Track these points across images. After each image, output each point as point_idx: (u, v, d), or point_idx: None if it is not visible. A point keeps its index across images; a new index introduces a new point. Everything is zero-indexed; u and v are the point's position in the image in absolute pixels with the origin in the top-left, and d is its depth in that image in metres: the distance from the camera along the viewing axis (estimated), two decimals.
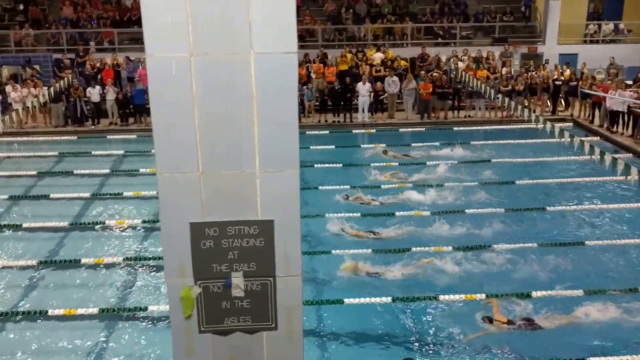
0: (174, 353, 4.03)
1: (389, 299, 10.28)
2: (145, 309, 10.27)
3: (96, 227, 13.64)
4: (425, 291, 10.59)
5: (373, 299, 10.22)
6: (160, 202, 3.84)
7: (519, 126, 19.99)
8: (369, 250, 11.95)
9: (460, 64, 22.78)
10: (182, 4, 3.51)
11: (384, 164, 17.32)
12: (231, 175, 3.78)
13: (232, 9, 3.52)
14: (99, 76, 21.91)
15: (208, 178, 3.79)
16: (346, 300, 10.17)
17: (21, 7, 25.54)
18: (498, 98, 19.03)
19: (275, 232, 3.86)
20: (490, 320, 9.56)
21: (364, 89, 21.03)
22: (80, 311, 10.24)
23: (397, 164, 17.41)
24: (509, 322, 9.52)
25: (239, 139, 3.72)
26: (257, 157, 3.74)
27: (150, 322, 10.12)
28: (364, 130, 20.79)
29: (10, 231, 13.59)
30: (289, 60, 3.62)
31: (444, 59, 23.77)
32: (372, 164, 17.20)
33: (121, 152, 18.91)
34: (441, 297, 10.36)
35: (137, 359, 9.31)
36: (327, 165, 17.08)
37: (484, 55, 23.50)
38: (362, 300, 10.18)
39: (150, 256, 12.19)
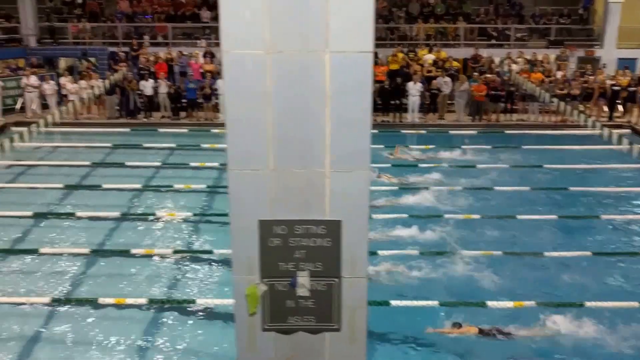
0: (237, 348, 4.04)
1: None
2: (193, 301, 10.36)
3: (147, 218, 13.84)
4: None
5: None
6: (230, 198, 3.84)
7: (574, 132, 19.46)
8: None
9: (514, 66, 22.35)
10: (260, 2, 3.51)
11: (432, 165, 17.11)
12: (301, 173, 3.76)
13: (310, 8, 3.50)
14: (152, 70, 22.24)
15: (278, 176, 3.78)
16: None
17: (79, 0, 26.17)
18: (553, 102, 18.60)
19: (342, 232, 3.83)
20: (460, 326, 9.58)
21: (414, 88, 20.84)
22: (129, 301, 10.40)
23: (446, 165, 17.18)
24: (480, 332, 9.50)
25: (310, 138, 3.70)
26: (328, 156, 3.71)
27: (197, 316, 10.21)
28: (413, 131, 20.58)
29: (64, 219, 13.92)
30: (364, 60, 3.58)
31: (496, 60, 23.37)
32: (419, 165, 17.02)
33: (172, 145, 19.16)
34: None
35: (182, 351, 9.42)
36: (374, 165, 16.94)
37: (539, 57, 22.98)
38: None
39: (199, 249, 12.29)
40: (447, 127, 21.06)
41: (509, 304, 9.98)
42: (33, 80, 21.48)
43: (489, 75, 21.64)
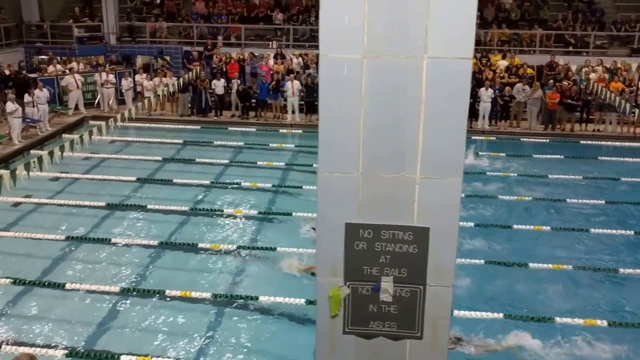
0: (317, 350, 4.06)
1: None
2: (257, 298, 10.49)
3: (214, 214, 14.11)
4: None
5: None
6: (317, 200, 3.87)
7: None
8: None
9: (592, 75, 21.61)
10: (360, 6, 3.51)
11: (502, 173, 16.76)
12: (391, 178, 3.75)
13: (409, 12, 3.48)
14: (224, 69, 22.68)
15: (367, 180, 3.77)
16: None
17: (158, 1, 26.98)
18: (633, 113, 17.88)
19: (430, 240, 3.79)
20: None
21: (486, 94, 20.47)
22: (194, 294, 10.64)
23: (516, 174, 16.79)
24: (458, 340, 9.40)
25: (402, 143, 3.68)
26: (419, 162, 3.68)
27: (260, 313, 10.33)
28: (483, 137, 20.24)
29: (135, 212, 14.37)
30: (463, 66, 3.53)
31: (573, 68, 22.66)
32: (488, 173, 16.71)
33: (241, 143, 19.50)
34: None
35: (243, 347, 9.55)
36: None
37: (620, 66, 22.14)
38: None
39: (263, 246, 12.44)
40: (519, 135, 20.58)
41: (579, 320, 9.70)
42: (111, 76, 22.27)
43: (563, 83, 21.00)
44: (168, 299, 10.63)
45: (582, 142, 19.87)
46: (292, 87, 21.05)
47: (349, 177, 3.80)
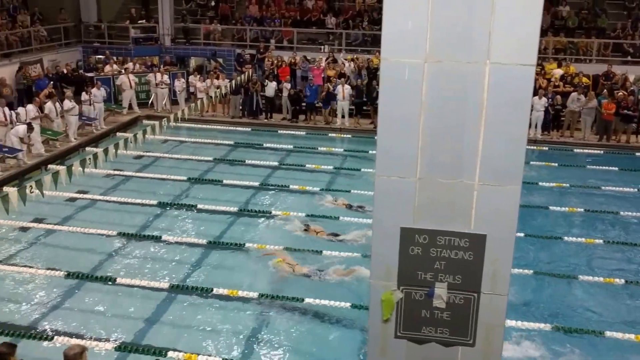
0: (368, 353, 4.07)
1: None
2: (302, 300, 10.53)
3: (262, 215, 14.23)
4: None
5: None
6: (374, 203, 3.88)
7: None
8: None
9: None
10: (424, 11, 3.52)
11: (554, 184, 16.39)
12: (448, 184, 3.73)
13: (473, 18, 3.47)
14: (276, 73, 22.87)
15: (424, 185, 3.77)
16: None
17: (213, 3, 27.42)
18: None
19: (486, 247, 3.76)
20: None
21: (539, 103, 20.06)
22: (241, 293, 10.75)
23: (568, 185, 16.41)
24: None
25: (461, 149, 3.66)
26: (478, 168, 3.66)
27: (306, 315, 10.35)
28: (534, 147, 19.84)
29: (186, 211, 14.62)
30: (526, 73, 3.50)
31: (631, 78, 21.98)
32: (540, 183, 16.37)
33: (290, 146, 19.63)
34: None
35: (286, 348, 9.58)
36: None
37: None
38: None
39: (310, 249, 12.48)
40: (572, 145, 20.10)
41: (630, 335, 9.43)
42: (165, 77, 22.73)
43: (620, 93, 20.41)
44: (215, 297, 10.78)
45: (637, 154, 19.29)
46: (343, 91, 21.08)
47: (407, 181, 3.80)
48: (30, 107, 17.78)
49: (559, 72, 22.21)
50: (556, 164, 17.85)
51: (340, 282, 11.35)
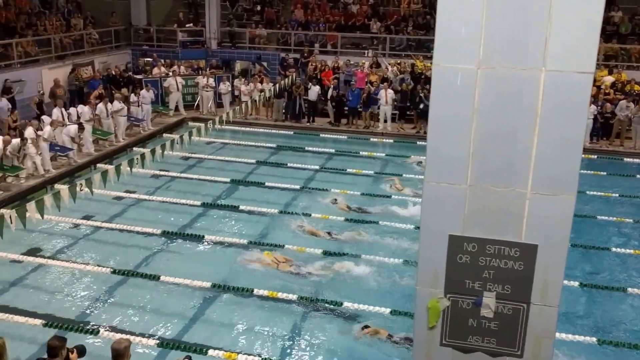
0: (413, 359, 4.04)
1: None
2: (341, 304, 10.52)
3: (302, 218, 14.24)
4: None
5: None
6: (422, 210, 3.86)
7: None
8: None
9: None
10: (478, 17, 3.49)
11: (602, 193, 15.98)
12: (499, 192, 3.68)
13: (529, 25, 3.42)
14: (319, 77, 22.93)
15: (475, 192, 3.73)
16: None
17: (258, 8, 27.67)
18: None
19: (537, 257, 3.69)
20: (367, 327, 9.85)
21: (588, 111, 19.57)
22: (281, 295, 10.79)
23: (617, 195, 15.96)
24: (389, 336, 9.70)
25: (513, 157, 3.61)
26: (531, 177, 3.60)
27: (343, 318, 10.32)
28: (583, 155, 19.33)
29: (228, 211, 14.76)
30: (583, 80, 3.43)
31: None
32: (588, 192, 15.97)
33: (331, 150, 19.64)
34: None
35: (324, 351, 9.58)
36: None
37: None
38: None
39: (350, 253, 12.42)
40: (622, 154, 19.56)
41: None
42: (211, 80, 23.03)
43: None
44: (256, 297, 10.85)
45: None
46: (386, 95, 21.01)
47: (457, 188, 3.76)
48: (85, 108, 18.28)
49: (609, 79, 21.68)
50: (604, 173, 17.40)
51: (384, 285, 11.30)
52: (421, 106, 20.79)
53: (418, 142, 19.63)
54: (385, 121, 21.45)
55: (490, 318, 3.89)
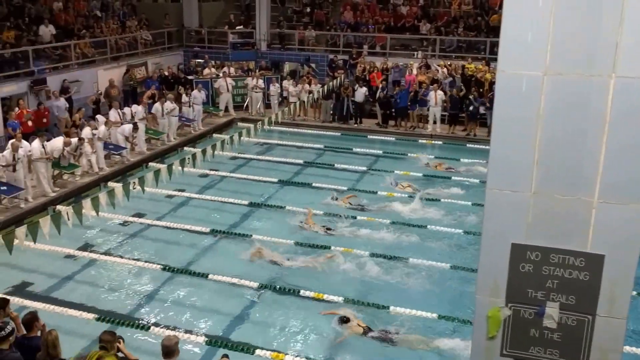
0: None
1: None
2: (387, 308, 10.45)
3: (348, 219, 14.21)
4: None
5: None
6: (484, 217, 3.80)
7: None
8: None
9: None
10: (545, 22, 3.42)
11: None
12: (565, 200, 3.59)
13: (599, 29, 3.33)
14: (367, 78, 22.86)
15: (539, 200, 3.65)
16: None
17: (308, 9, 27.77)
18: None
19: (604, 268, 3.58)
20: (347, 320, 9.99)
21: None
22: (327, 296, 10.79)
23: None
24: (366, 330, 9.83)
25: (580, 165, 3.52)
26: (598, 185, 3.50)
27: (388, 323, 10.22)
28: None
29: (275, 211, 14.83)
30: None
31: None
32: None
33: (379, 152, 19.55)
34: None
35: (369, 354, 9.54)
36: None
37: None
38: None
39: (396, 255, 12.40)
40: None
41: None
42: (260, 82, 23.22)
43: None
44: (303, 298, 10.88)
45: None
46: (436, 97, 20.80)
47: (520, 195, 3.69)
48: (139, 108, 18.69)
49: None
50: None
51: (432, 290, 11.19)
52: (471, 108, 20.54)
53: (467, 145, 19.39)
54: (435, 123, 21.24)
55: (553, 329, 3.79)
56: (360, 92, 21.93)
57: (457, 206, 15.16)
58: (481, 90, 21.13)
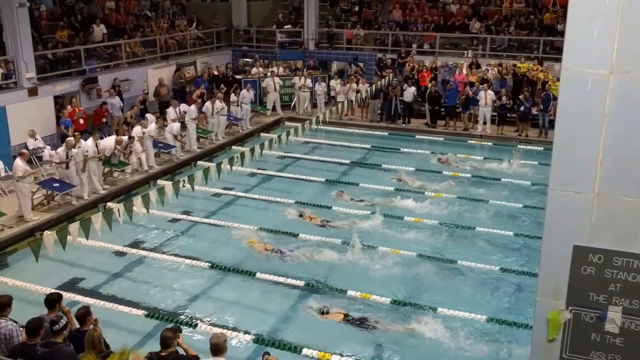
0: None
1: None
2: (435, 309, 10.34)
3: (396, 220, 14.09)
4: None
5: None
6: (545, 218, 3.72)
7: None
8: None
9: None
10: (612, 19, 3.32)
11: None
12: (630, 202, 3.49)
13: None
14: (416, 77, 22.64)
15: (603, 201, 3.55)
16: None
17: (356, 8, 27.68)
18: None
19: None
20: (327, 312, 10.24)
21: None
22: (373, 297, 10.73)
23: None
24: (345, 317, 10.14)
25: None
26: None
27: (436, 324, 10.13)
28: None
29: (322, 211, 14.78)
30: None
31: None
32: None
33: (427, 152, 19.34)
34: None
35: (414, 355, 9.47)
36: None
37: None
38: None
39: (443, 257, 12.30)
40: None
41: None
42: (308, 81, 23.27)
43: None
44: (349, 298, 10.85)
45: None
46: (486, 97, 20.46)
47: (583, 197, 3.59)
48: (191, 107, 19.01)
49: None
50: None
51: (481, 292, 11.03)
52: (522, 108, 20.15)
53: (518, 146, 19.01)
54: (485, 123, 20.90)
55: (615, 334, 3.69)
56: (409, 92, 21.74)
57: (506, 208, 14.90)
58: (531, 89, 20.75)
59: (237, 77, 24.00)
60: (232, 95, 21.34)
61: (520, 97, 20.23)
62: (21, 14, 17.12)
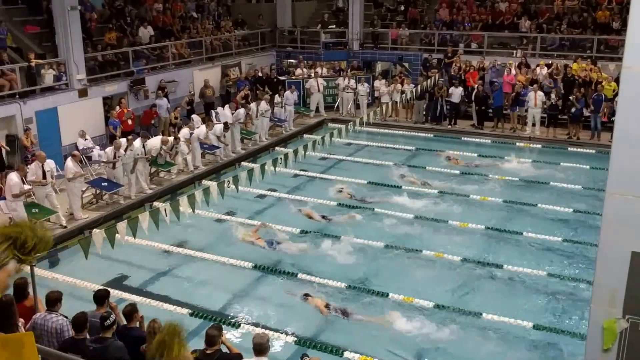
0: None
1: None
2: (480, 315, 10.12)
3: (439, 224, 13.86)
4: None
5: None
6: (602, 223, 3.55)
7: None
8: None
9: None
10: None
11: None
12: None
13: None
14: (463, 78, 22.23)
15: None
16: None
17: (402, 8, 27.38)
18: None
19: None
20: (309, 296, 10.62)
21: None
22: (416, 301, 10.58)
23: None
24: (327, 306, 10.41)
25: None
26: None
27: (481, 329, 9.92)
28: None
29: (364, 213, 14.61)
30: None
31: None
32: None
33: (474, 155, 18.96)
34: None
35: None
36: None
37: None
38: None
39: (489, 262, 12.03)
40: None
41: None
42: (352, 82, 23.13)
43: None
44: (392, 302, 10.72)
45: None
46: (535, 98, 19.94)
47: None
48: (240, 111, 19.16)
49: None
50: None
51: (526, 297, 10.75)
52: (573, 110, 19.57)
53: (569, 149, 18.49)
54: (534, 125, 20.36)
55: None
56: (457, 93, 21.36)
57: (555, 212, 14.53)
58: (582, 90, 20.13)
59: (281, 78, 24.04)
60: (276, 96, 21.38)
61: (570, 98, 19.65)
62: (73, 16, 17.51)
